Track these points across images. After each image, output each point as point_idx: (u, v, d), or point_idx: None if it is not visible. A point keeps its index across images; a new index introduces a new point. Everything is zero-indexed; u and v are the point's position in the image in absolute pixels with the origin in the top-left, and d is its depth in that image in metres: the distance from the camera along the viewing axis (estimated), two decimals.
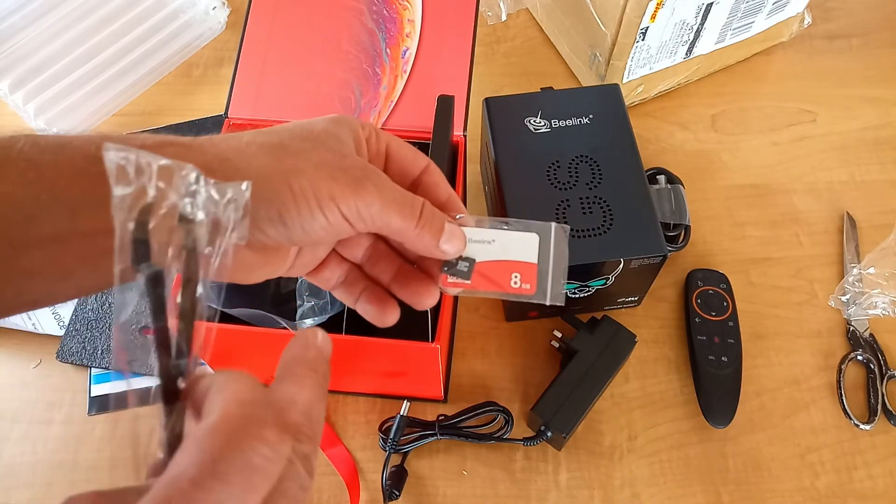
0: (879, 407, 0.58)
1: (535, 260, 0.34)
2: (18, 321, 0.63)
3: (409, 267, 0.36)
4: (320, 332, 0.24)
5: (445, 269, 0.34)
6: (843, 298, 0.63)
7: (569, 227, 0.35)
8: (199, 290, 0.22)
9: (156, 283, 0.21)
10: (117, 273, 0.21)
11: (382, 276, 0.36)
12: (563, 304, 0.34)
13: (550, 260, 0.34)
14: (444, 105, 0.51)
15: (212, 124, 0.74)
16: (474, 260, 0.34)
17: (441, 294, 0.35)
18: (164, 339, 0.21)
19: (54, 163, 0.25)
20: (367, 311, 0.36)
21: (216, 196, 0.23)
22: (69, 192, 0.25)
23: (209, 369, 0.27)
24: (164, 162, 0.21)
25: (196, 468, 0.18)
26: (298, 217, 0.29)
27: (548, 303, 0.34)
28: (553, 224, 0.35)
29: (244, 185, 0.23)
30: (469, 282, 0.34)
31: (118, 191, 0.21)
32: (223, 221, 0.23)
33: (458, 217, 0.34)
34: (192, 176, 0.22)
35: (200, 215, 0.22)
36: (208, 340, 0.23)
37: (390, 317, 0.36)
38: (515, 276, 0.34)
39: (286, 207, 0.28)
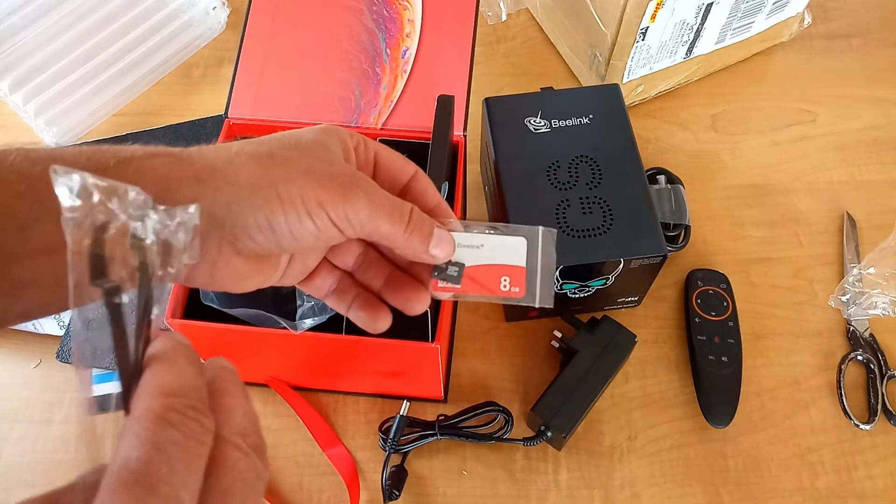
0: (879, 407, 0.58)
1: (523, 263, 0.35)
2: None
3: (400, 273, 0.36)
4: (220, 358, 0.25)
5: (436, 273, 0.34)
6: (843, 298, 0.63)
7: (555, 230, 0.35)
8: (155, 311, 0.22)
9: (114, 298, 0.21)
10: (71, 288, 0.21)
11: (374, 282, 0.36)
12: (552, 306, 0.34)
13: (539, 263, 0.35)
14: (444, 105, 0.51)
15: (212, 124, 0.74)
16: (464, 264, 0.34)
17: (432, 299, 0.35)
18: (123, 354, 0.22)
19: (44, 175, 0.25)
20: (359, 317, 0.36)
21: (166, 220, 0.23)
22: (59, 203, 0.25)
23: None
24: (108, 184, 0.22)
25: (137, 450, 0.19)
26: (287, 223, 0.29)
27: (537, 305, 0.34)
28: (540, 228, 0.35)
29: (192, 209, 0.24)
30: (459, 286, 0.34)
31: (67, 213, 0.21)
32: (174, 243, 0.23)
33: (446, 222, 0.35)
34: (141, 199, 0.22)
35: (151, 237, 0.22)
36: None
37: (382, 323, 0.36)
38: (505, 280, 0.34)
39: (274, 214, 0.29)
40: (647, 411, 0.59)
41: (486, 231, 0.35)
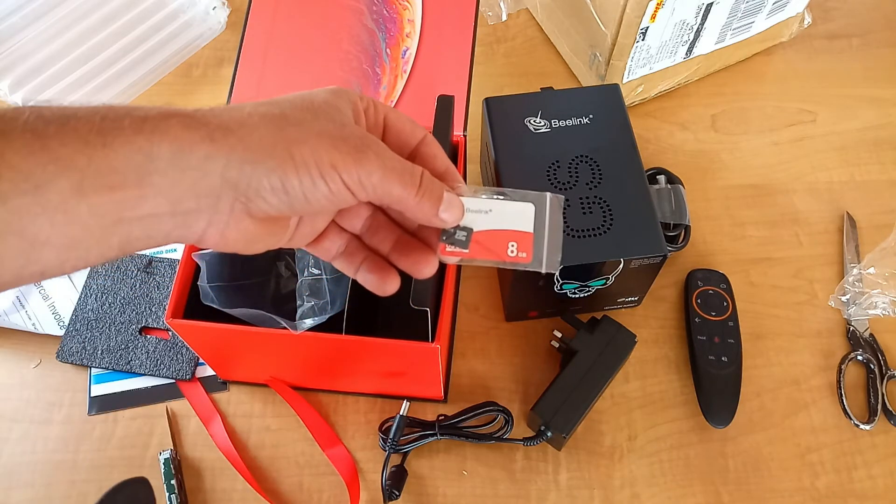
0: (879, 407, 0.58)
1: (531, 229, 0.34)
2: (18, 321, 0.63)
3: (408, 237, 0.36)
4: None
5: (444, 238, 0.34)
6: (843, 298, 0.63)
7: (563, 197, 0.35)
8: None
9: None
10: None
11: (382, 246, 0.36)
12: (557, 272, 0.34)
13: (546, 229, 0.35)
14: (444, 105, 0.51)
15: None
16: (472, 229, 0.34)
17: (440, 263, 0.35)
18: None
19: (60, 134, 0.26)
20: (367, 280, 0.36)
21: None
22: (75, 162, 0.25)
23: None
24: None
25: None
26: (300, 185, 0.29)
27: (543, 271, 0.34)
28: (548, 194, 0.35)
29: None
30: (467, 251, 0.34)
31: None
32: None
33: (456, 187, 0.35)
34: None
35: None
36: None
37: (390, 285, 0.36)
38: (512, 245, 0.34)
39: (287, 176, 0.29)
40: (647, 411, 0.59)
41: (495, 196, 0.35)
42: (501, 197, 0.35)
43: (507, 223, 0.34)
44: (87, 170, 0.26)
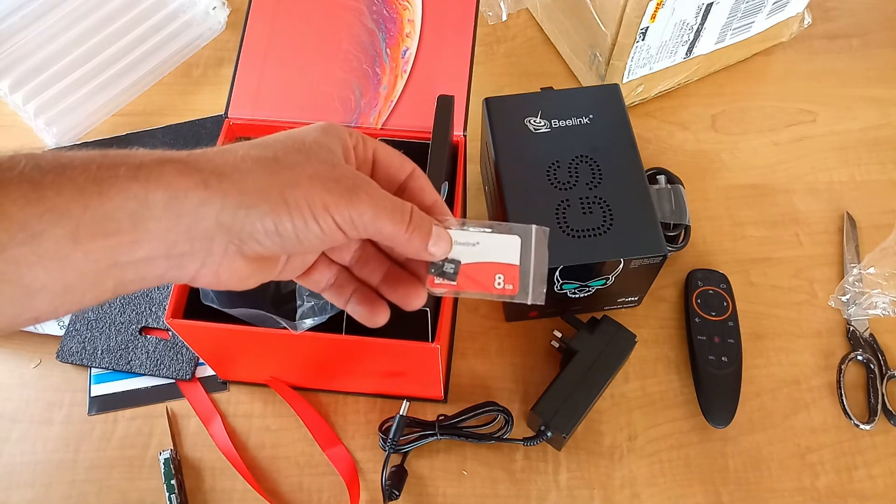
0: (879, 407, 0.58)
1: (517, 261, 0.35)
2: None
3: (398, 269, 0.37)
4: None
5: (432, 270, 0.35)
6: (843, 298, 0.63)
7: (548, 229, 0.36)
8: None
9: None
10: None
11: (371, 277, 0.37)
12: (543, 304, 0.35)
13: (532, 261, 0.35)
14: (444, 105, 0.51)
15: (212, 124, 0.74)
16: (460, 262, 0.35)
17: (429, 296, 0.36)
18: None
19: (56, 183, 0.26)
20: (357, 312, 0.37)
21: None
22: (70, 211, 0.26)
23: None
24: None
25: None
26: (293, 228, 0.30)
27: (529, 302, 0.35)
28: (533, 226, 0.36)
29: None
30: (455, 283, 0.35)
31: None
32: None
33: (443, 220, 0.35)
34: None
35: None
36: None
37: (380, 318, 0.37)
38: (499, 278, 0.35)
39: (281, 220, 0.29)
40: (647, 411, 0.59)
41: (482, 229, 0.36)
42: (488, 230, 0.36)
43: (494, 255, 0.35)
44: (82, 218, 0.26)
